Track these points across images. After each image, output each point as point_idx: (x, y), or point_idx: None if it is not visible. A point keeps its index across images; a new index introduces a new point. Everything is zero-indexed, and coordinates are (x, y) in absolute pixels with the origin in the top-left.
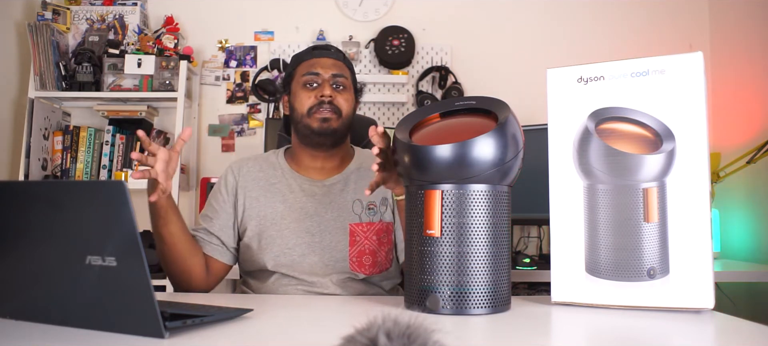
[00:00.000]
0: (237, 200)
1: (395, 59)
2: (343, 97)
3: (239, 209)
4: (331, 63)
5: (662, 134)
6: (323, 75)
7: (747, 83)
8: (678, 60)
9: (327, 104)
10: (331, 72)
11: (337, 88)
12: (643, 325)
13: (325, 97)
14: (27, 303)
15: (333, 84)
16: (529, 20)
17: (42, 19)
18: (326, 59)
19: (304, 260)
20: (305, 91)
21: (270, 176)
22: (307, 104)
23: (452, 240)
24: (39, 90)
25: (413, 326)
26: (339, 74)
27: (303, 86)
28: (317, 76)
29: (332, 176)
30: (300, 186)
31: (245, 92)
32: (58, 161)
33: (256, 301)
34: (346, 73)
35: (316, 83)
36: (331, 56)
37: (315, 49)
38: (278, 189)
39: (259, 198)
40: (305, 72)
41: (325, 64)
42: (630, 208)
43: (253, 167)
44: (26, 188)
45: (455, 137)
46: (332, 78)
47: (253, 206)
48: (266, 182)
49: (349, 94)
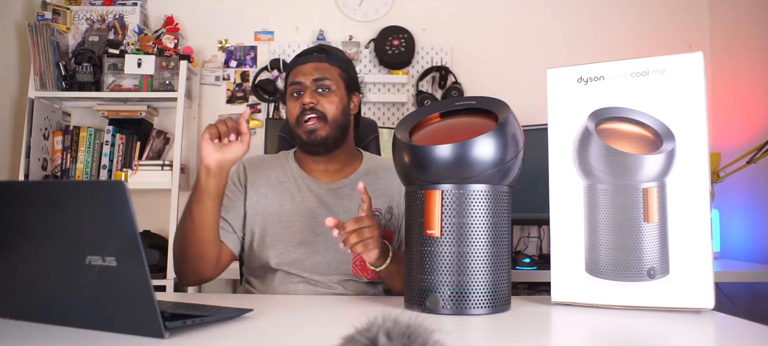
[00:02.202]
0: (247, 194)
1: (395, 59)
2: (328, 100)
3: (248, 203)
4: (313, 67)
5: (662, 134)
6: (304, 82)
7: (747, 83)
8: (678, 60)
9: (309, 111)
10: (311, 77)
11: (321, 92)
12: (643, 325)
13: (306, 104)
14: (27, 303)
15: (316, 89)
16: (529, 20)
17: (42, 19)
18: (307, 65)
19: (307, 259)
20: (291, 101)
21: (280, 175)
22: (294, 114)
23: (452, 240)
24: (39, 90)
25: (413, 326)
26: (320, 77)
27: (290, 96)
28: (299, 85)
29: (339, 178)
30: (308, 187)
31: (245, 92)
32: (58, 161)
33: (257, 301)
34: (331, 73)
35: (300, 92)
36: (313, 60)
37: (300, 55)
38: (287, 188)
39: (268, 195)
40: (291, 81)
41: (305, 71)
42: (630, 208)
43: (264, 165)
44: (26, 188)
45: (455, 137)
46: (313, 83)
47: (262, 201)
48: (276, 179)
49: (336, 94)
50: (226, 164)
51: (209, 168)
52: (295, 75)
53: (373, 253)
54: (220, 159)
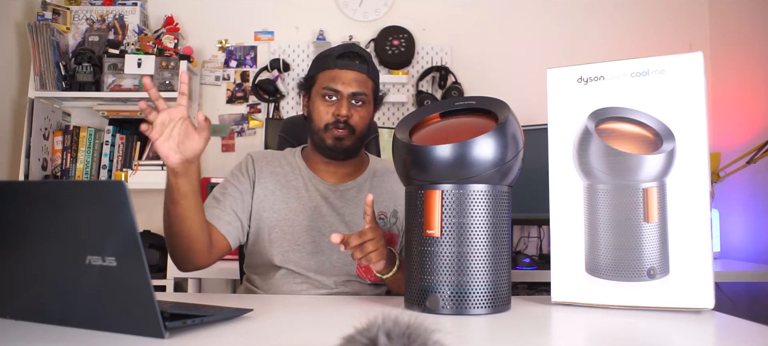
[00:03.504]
0: (254, 188)
1: (395, 59)
2: (360, 114)
3: (255, 198)
4: (353, 78)
5: (662, 134)
6: (343, 92)
7: (747, 83)
8: (678, 60)
9: (343, 123)
10: (351, 89)
11: (355, 103)
12: (643, 325)
13: (341, 117)
14: (27, 303)
15: (352, 101)
16: (529, 20)
17: (42, 19)
18: (348, 73)
19: (311, 259)
20: (324, 105)
21: (287, 173)
22: (324, 120)
23: (452, 240)
24: (39, 90)
25: (413, 326)
26: (359, 92)
27: (322, 98)
28: (337, 93)
29: (347, 180)
30: (315, 187)
31: (245, 92)
32: (58, 161)
33: (257, 301)
34: (368, 86)
35: (334, 98)
36: (355, 69)
37: (340, 56)
38: (294, 186)
39: (275, 192)
40: (326, 83)
41: (346, 80)
42: (630, 208)
43: (272, 161)
44: (26, 188)
45: (455, 137)
46: (351, 96)
47: (269, 198)
48: (284, 177)
49: (367, 109)
50: (193, 158)
51: (175, 170)
52: (333, 79)
53: (378, 265)
54: (183, 156)
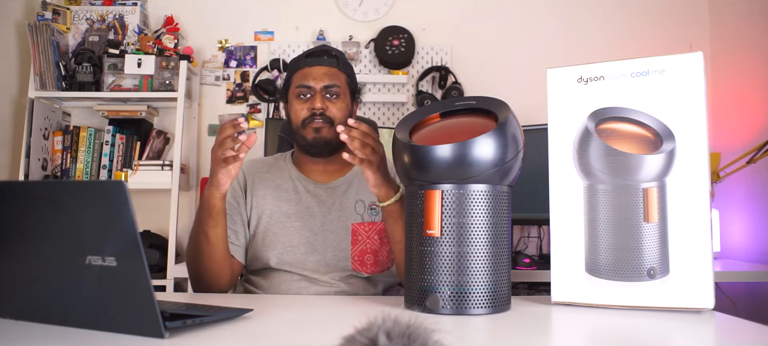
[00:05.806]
0: (246, 198)
1: (395, 59)
2: (336, 106)
3: (248, 207)
4: (323, 72)
5: (662, 134)
6: (315, 87)
7: (747, 83)
8: (678, 60)
9: (319, 116)
10: (322, 83)
11: (329, 97)
12: (643, 325)
13: (316, 109)
14: (27, 303)
15: (325, 94)
16: (529, 20)
17: (42, 19)
18: (318, 68)
19: (307, 258)
20: (299, 103)
21: (277, 177)
22: (300, 116)
23: (452, 240)
24: (39, 90)
25: (413, 326)
26: (331, 85)
27: (297, 97)
28: (308, 89)
29: (336, 178)
30: (305, 188)
31: (245, 92)
32: (58, 161)
33: (256, 301)
34: (341, 79)
35: (308, 95)
36: (324, 64)
37: (308, 55)
38: (284, 189)
39: (266, 196)
40: (298, 83)
41: (316, 75)
42: (630, 208)
43: (262, 168)
44: (26, 188)
45: (455, 137)
46: (324, 89)
47: (260, 203)
48: (273, 182)
49: (343, 101)
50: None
51: (224, 191)
52: (304, 77)
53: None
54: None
